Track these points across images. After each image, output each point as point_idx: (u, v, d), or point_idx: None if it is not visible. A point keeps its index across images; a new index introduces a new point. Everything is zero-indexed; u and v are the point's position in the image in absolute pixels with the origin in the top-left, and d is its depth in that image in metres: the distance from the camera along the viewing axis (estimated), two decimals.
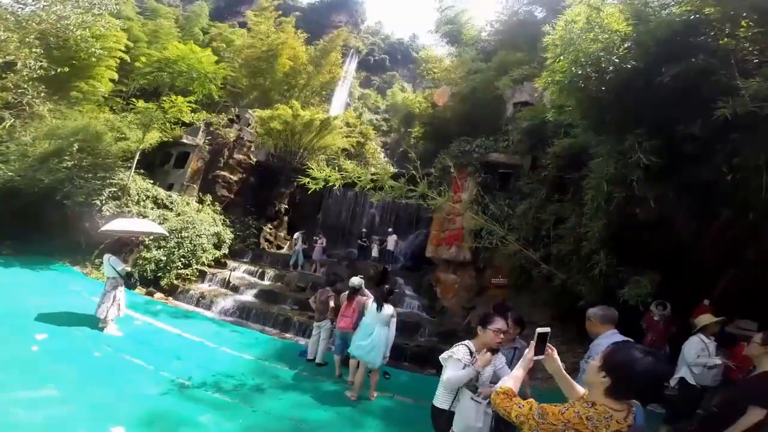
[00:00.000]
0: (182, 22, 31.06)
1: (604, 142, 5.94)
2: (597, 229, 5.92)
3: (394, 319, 5.64)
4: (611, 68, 5.38)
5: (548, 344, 1.95)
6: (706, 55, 4.60)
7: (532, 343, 1.95)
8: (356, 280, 6.40)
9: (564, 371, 1.98)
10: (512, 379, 1.93)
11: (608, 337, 3.20)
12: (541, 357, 1.94)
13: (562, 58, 5.96)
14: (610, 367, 1.64)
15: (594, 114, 6.01)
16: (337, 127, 20.70)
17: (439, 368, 7.82)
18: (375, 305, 5.59)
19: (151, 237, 10.66)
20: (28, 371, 4.65)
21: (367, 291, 6.57)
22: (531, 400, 1.78)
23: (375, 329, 5.48)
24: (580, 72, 5.62)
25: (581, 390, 1.92)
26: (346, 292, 6.41)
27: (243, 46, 26.50)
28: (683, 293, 6.04)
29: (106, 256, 6.70)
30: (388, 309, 5.56)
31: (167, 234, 9.96)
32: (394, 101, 35.32)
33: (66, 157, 11.43)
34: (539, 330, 1.94)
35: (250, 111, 19.44)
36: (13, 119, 13.16)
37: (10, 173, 10.77)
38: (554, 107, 7.67)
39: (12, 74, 13.12)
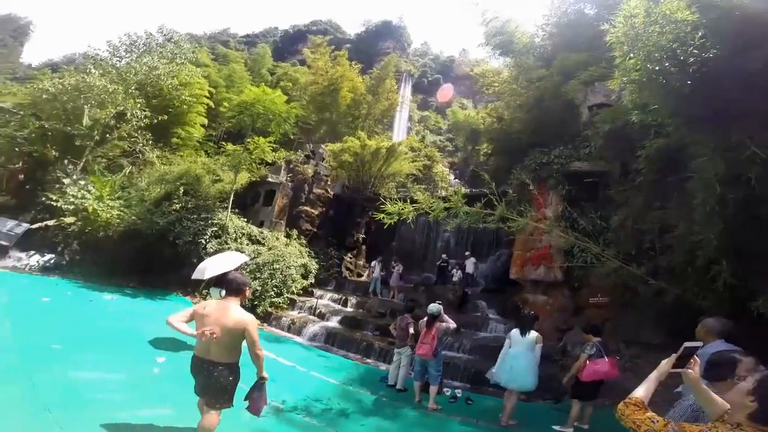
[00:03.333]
0: (250, 64, 34.48)
1: (705, 140, 5.33)
2: (713, 236, 5.18)
3: (539, 345, 5.71)
4: (691, 60, 4.94)
5: (694, 357, 1.86)
6: None
7: (674, 355, 1.86)
8: (435, 307, 6.37)
9: (703, 384, 1.88)
10: (643, 390, 1.81)
11: (714, 347, 3.21)
12: (679, 370, 1.86)
13: (631, 55, 5.64)
14: (762, 393, 1.52)
15: (685, 110, 5.46)
16: (402, 153, 21.01)
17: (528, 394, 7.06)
18: (518, 331, 5.74)
19: (248, 269, 11.65)
20: (149, 391, 5.27)
21: (446, 317, 6.44)
22: (664, 418, 1.65)
23: (521, 355, 5.59)
24: (657, 68, 5.25)
25: (723, 403, 1.77)
26: (425, 319, 6.34)
27: (307, 83, 28.17)
28: None
29: (215, 289, 7.37)
30: (533, 334, 5.69)
31: (248, 259, 10.69)
32: (456, 120, 34.93)
33: (175, 201, 13.08)
34: (689, 344, 1.86)
35: (322, 146, 20.67)
36: (130, 166, 15.43)
37: (133, 217, 12.54)
38: (636, 107, 7.04)
39: (124, 124, 15.34)
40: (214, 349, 3.28)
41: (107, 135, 15.69)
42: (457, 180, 28.38)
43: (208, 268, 7.86)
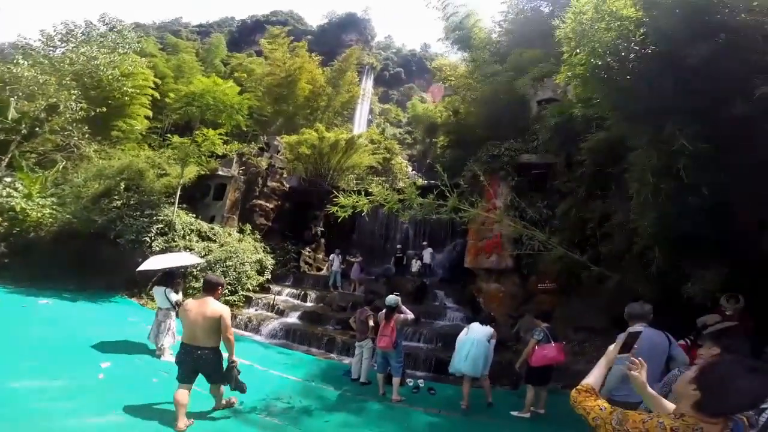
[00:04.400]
0: (203, 54, 32.62)
1: (641, 133, 5.66)
2: (648, 224, 5.57)
3: (494, 340, 6.16)
4: (632, 56, 5.18)
5: (640, 361, 1.88)
6: (728, 33, 4.35)
7: (619, 340, 1.91)
8: (392, 299, 6.41)
9: (649, 389, 1.89)
10: (593, 377, 1.84)
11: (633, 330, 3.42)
12: (626, 355, 1.89)
13: (578, 50, 5.81)
14: (704, 381, 1.52)
15: (624, 104, 5.75)
16: (362, 145, 20.90)
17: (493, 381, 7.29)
18: (478, 324, 6.22)
19: (199, 268, 11.12)
20: (96, 398, 4.94)
21: (404, 308, 6.53)
22: (611, 406, 1.69)
23: (478, 342, 5.93)
24: (600, 63, 5.46)
25: (669, 406, 1.79)
26: (383, 311, 6.38)
27: (263, 74, 27.20)
28: (757, 284, 5.52)
29: (159, 288, 7.05)
30: (489, 329, 6.14)
31: (203, 262, 10.16)
32: (415, 113, 35.31)
33: (115, 197, 12.16)
34: (631, 329, 1.95)
35: (278, 138, 20.05)
36: (64, 161, 14.15)
37: (67, 216, 11.55)
38: (580, 101, 7.39)
39: (57, 116, 14.05)
40: (199, 334, 4.23)
41: (37, 128, 14.29)
42: (414, 172, 28.71)
43: (149, 263, 7.57)
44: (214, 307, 4.28)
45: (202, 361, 4.29)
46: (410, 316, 6.52)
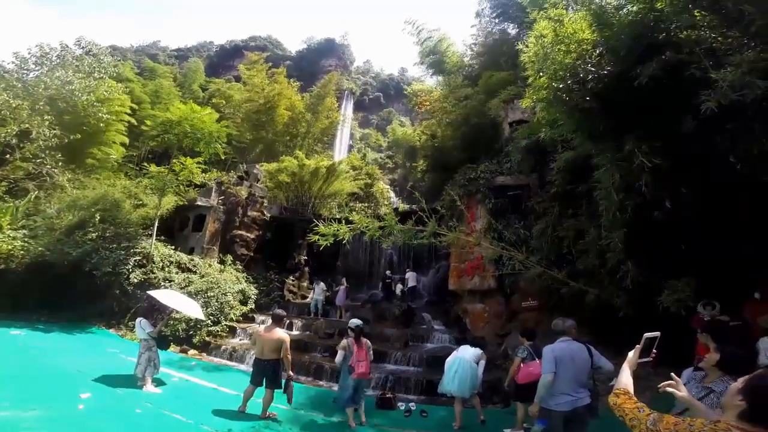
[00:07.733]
0: (180, 79, 32.37)
1: (604, 151, 5.87)
2: (618, 239, 5.75)
3: (483, 361, 6.18)
4: (590, 77, 5.39)
5: (675, 377, 1.97)
6: (673, 51, 4.61)
7: (638, 346, 2.00)
8: (356, 321, 6.09)
9: (695, 401, 1.98)
10: (625, 380, 1.92)
11: (554, 344, 4.05)
12: (646, 360, 1.99)
13: (541, 74, 5.94)
14: (750, 390, 1.51)
15: (586, 124, 5.97)
16: (343, 171, 21.01)
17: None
18: (466, 345, 6.34)
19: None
20: (76, 428, 4.83)
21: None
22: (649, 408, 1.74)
23: (466, 363, 5.98)
24: (561, 86, 5.63)
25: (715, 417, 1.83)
26: (350, 338, 5.94)
27: (241, 100, 27.28)
28: (728, 291, 5.75)
29: (137, 320, 7.01)
30: (478, 351, 6.23)
31: (204, 319, 9.77)
32: (395, 137, 35.76)
33: (90, 229, 11.80)
34: (647, 335, 1.98)
35: (257, 166, 19.95)
36: (36, 191, 13.62)
37: (40, 248, 11.11)
38: (546, 123, 7.44)
39: (29, 143, 13.56)
40: (266, 351, 5.82)
41: (7, 155, 13.83)
42: (397, 198, 28.90)
43: (161, 293, 7.45)
44: (279, 333, 5.86)
45: (266, 368, 5.81)
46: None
